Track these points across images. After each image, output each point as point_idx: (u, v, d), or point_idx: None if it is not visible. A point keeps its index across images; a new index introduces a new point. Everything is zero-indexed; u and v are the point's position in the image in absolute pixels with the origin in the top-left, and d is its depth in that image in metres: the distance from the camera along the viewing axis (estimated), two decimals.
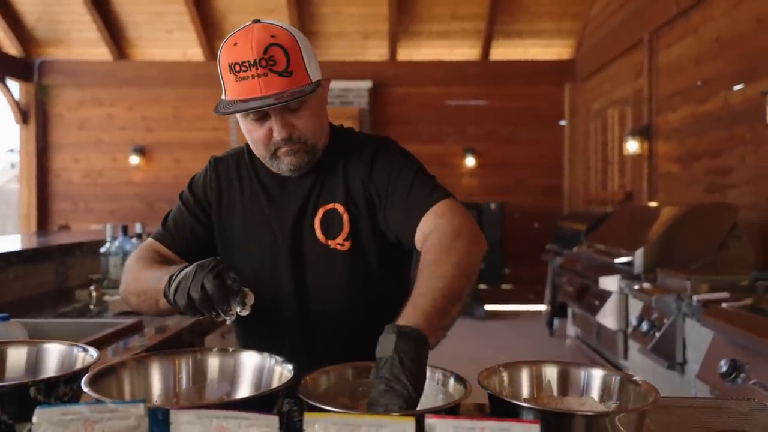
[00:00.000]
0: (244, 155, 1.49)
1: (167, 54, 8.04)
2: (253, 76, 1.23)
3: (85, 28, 7.67)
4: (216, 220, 1.46)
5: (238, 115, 1.33)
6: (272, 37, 1.25)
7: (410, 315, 1.04)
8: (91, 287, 2.71)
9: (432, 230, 1.25)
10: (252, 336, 1.47)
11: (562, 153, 7.98)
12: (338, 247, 1.38)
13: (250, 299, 1.14)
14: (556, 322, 6.16)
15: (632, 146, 5.65)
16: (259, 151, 1.37)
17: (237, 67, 1.24)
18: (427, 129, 7.86)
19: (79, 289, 2.86)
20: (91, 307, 2.56)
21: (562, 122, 7.96)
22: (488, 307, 7.39)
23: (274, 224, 1.41)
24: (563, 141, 7.97)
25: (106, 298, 2.56)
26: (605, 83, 6.95)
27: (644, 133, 5.57)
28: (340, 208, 1.38)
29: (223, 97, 1.32)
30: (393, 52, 7.89)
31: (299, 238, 1.39)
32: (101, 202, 8.16)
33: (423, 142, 7.62)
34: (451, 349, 5.55)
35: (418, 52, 7.97)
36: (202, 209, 1.47)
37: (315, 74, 1.31)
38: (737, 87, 4.13)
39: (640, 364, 3.28)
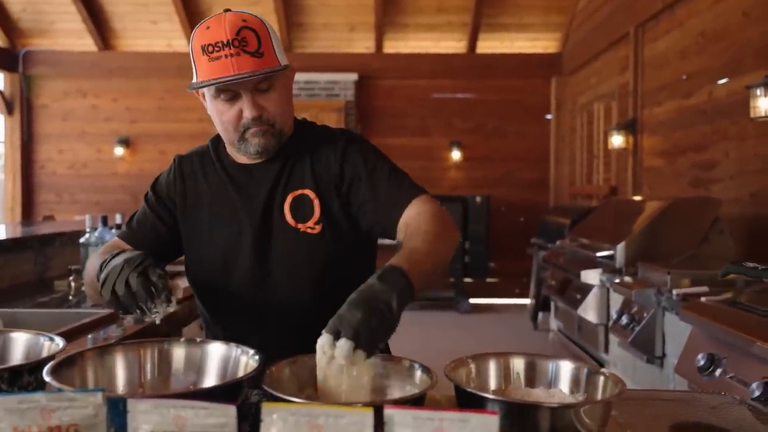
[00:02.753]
0: (208, 150, 1.51)
1: (152, 45, 7.97)
2: (226, 56, 1.27)
3: (70, 19, 7.59)
4: (181, 216, 1.47)
5: (208, 98, 1.36)
6: (243, 21, 1.30)
7: (401, 262, 1.12)
8: (71, 278, 2.69)
9: (414, 217, 1.32)
10: (217, 323, 1.48)
11: (548, 147, 7.99)
12: (309, 230, 1.39)
13: (179, 293, 1.13)
14: (540, 315, 6.18)
15: (617, 140, 5.67)
16: (228, 133, 1.38)
17: (210, 48, 1.28)
18: (413, 122, 7.84)
19: (58, 279, 2.84)
20: (70, 297, 2.55)
21: (549, 116, 7.97)
22: (473, 300, 7.40)
23: (242, 211, 1.42)
24: (549, 135, 7.99)
25: (84, 288, 2.54)
26: (592, 77, 6.96)
27: (629, 127, 5.59)
28: (310, 193, 1.40)
29: (193, 80, 1.34)
30: (379, 45, 7.86)
31: (268, 223, 1.40)
32: (86, 194, 8.09)
33: (409, 134, 7.62)
34: (435, 342, 5.57)
35: (404, 44, 7.95)
36: (165, 208, 1.48)
37: (283, 60, 1.36)
38: (722, 81, 4.15)
39: (620, 357, 3.30)
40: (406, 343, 1.61)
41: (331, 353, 1.00)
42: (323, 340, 1.01)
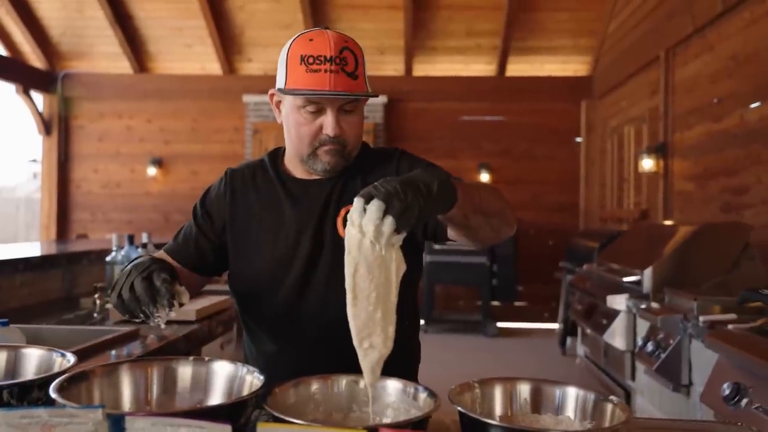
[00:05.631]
0: (263, 164, 1.53)
1: (186, 68, 8.15)
2: (325, 71, 1.30)
3: (108, 43, 7.82)
4: (230, 228, 1.48)
5: (288, 107, 1.39)
6: (345, 42, 1.34)
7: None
8: (96, 295, 2.73)
9: None
10: (264, 334, 1.48)
11: (578, 170, 7.92)
12: None
13: (184, 298, 1.13)
14: (568, 340, 6.08)
15: (648, 164, 5.60)
16: (301, 145, 1.40)
17: (310, 59, 1.31)
18: (442, 144, 7.85)
19: (84, 296, 2.88)
20: (95, 314, 2.58)
21: (578, 139, 7.91)
22: (500, 324, 7.32)
23: (296, 225, 1.43)
24: (579, 158, 7.92)
25: (108, 306, 2.58)
26: (622, 100, 6.90)
27: (660, 150, 5.52)
28: None
29: (280, 86, 1.37)
30: (409, 68, 7.91)
31: (321, 237, 1.42)
32: (119, 213, 8.26)
33: (437, 157, 7.52)
34: (461, 366, 5.50)
35: (433, 67, 7.99)
36: (211, 222, 1.50)
37: (368, 86, 1.40)
38: (754, 105, 4.08)
39: (646, 385, 3.22)
40: (432, 366, 1.59)
41: (360, 222, 0.95)
42: (353, 206, 0.96)
